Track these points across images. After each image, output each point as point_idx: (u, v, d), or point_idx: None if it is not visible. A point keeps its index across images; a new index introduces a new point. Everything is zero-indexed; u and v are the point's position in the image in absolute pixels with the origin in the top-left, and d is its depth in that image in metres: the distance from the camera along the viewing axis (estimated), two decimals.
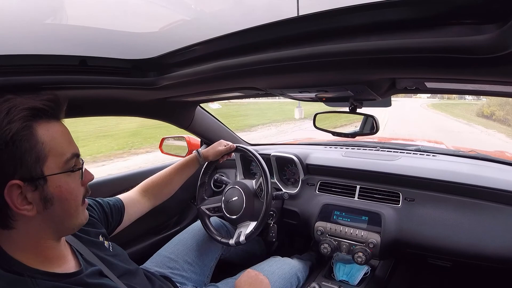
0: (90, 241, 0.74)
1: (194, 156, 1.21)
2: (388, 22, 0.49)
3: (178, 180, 1.17)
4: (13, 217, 0.54)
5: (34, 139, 0.53)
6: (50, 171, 0.55)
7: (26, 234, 0.56)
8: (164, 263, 1.14)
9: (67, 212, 0.59)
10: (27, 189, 0.53)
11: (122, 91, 0.98)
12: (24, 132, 0.52)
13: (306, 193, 1.47)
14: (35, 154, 0.53)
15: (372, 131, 1.08)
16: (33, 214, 0.54)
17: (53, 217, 0.58)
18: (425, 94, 24.66)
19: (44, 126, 0.55)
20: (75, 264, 0.65)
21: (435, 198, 1.20)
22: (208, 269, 1.22)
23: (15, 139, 0.51)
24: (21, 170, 0.52)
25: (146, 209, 1.06)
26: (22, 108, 0.53)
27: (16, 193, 0.52)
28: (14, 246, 0.56)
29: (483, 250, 1.07)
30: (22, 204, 0.53)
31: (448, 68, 0.57)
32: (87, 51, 0.79)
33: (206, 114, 1.61)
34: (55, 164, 0.56)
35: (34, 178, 0.53)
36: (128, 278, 0.76)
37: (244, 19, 0.62)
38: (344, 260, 1.36)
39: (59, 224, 0.59)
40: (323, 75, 0.76)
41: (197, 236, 1.28)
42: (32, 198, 0.54)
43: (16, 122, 0.51)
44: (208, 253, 1.25)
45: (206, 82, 0.90)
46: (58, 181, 0.57)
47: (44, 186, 0.55)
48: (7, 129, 0.50)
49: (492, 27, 0.41)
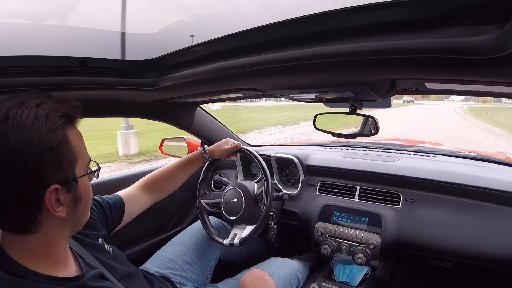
0: (91, 244, 0.74)
1: (199, 152, 1.20)
2: (388, 23, 0.49)
3: (182, 176, 1.16)
4: (42, 221, 0.55)
5: (69, 145, 0.56)
6: (80, 173, 0.59)
7: (45, 236, 0.57)
8: (163, 264, 1.14)
9: (86, 208, 0.64)
10: (62, 192, 0.55)
11: (122, 92, 0.98)
12: (64, 139, 0.55)
13: (306, 194, 1.47)
14: (70, 159, 0.56)
15: (372, 132, 1.08)
16: (65, 215, 0.57)
17: (76, 215, 0.61)
18: (458, 96, 21.31)
19: (72, 131, 0.58)
20: (76, 268, 0.65)
21: (435, 199, 1.20)
22: (208, 269, 1.22)
23: (58, 146, 0.53)
24: (59, 174, 0.55)
25: (147, 204, 1.05)
26: (60, 115, 0.55)
27: (53, 196, 0.54)
28: (22, 250, 0.56)
29: (483, 251, 1.07)
30: (57, 207, 0.55)
31: (449, 69, 0.57)
32: (87, 52, 0.79)
33: (206, 115, 1.61)
34: (82, 166, 0.60)
35: (69, 181, 0.56)
36: (128, 281, 0.76)
37: (244, 20, 0.62)
38: (344, 261, 1.36)
39: (77, 222, 0.64)
40: (323, 76, 0.76)
41: (196, 236, 1.28)
42: (65, 200, 0.56)
43: (58, 130, 0.54)
44: (207, 253, 1.25)
45: (206, 83, 0.90)
46: (85, 182, 0.61)
47: (76, 187, 0.58)
48: (50, 138, 0.52)
49: (492, 28, 0.41)
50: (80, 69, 0.80)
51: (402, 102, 40.44)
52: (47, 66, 0.75)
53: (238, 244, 1.19)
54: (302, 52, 0.60)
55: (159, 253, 1.21)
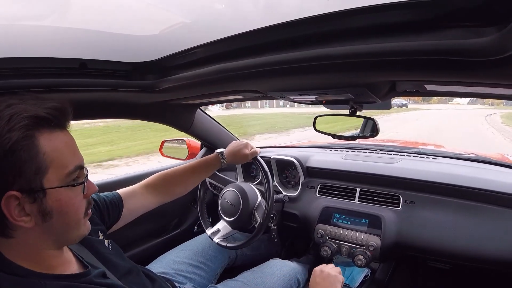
0: (91, 239, 0.73)
1: (216, 156, 1.14)
2: (388, 24, 0.49)
3: (194, 180, 1.12)
4: (12, 227, 0.52)
5: (35, 149, 0.51)
6: (50, 184, 0.53)
7: (25, 243, 0.55)
8: (168, 265, 1.13)
9: (67, 225, 0.57)
10: (25, 201, 0.51)
11: (122, 94, 0.98)
12: (25, 142, 0.50)
13: (306, 196, 1.46)
14: (35, 165, 0.51)
15: (373, 133, 1.08)
16: (31, 226, 0.52)
17: (53, 230, 0.56)
18: (463, 99, 21.66)
19: (46, 136, 0.53)
20: (78, 266, 0.64)
21: (435, 201, 1.20)
22: (214, 275, 1.21)
23: (14, 148, 0.48)
24: (20, 181, 0.50)
25: (151, 205, 1.01)
26: (24, 116, 0.50)
27: (13, 204, 0.50)
28: (15, 254, 0.54)
29: (483, 252, 1.07)
30: (20, 216, 0.51)
31: (449, 71, 0.57)
32: (87, 54, 0.79)
33: (206, 117, 1.61)
34: (56, 176, 0.53)
35: (33, 190, 0.51)
36: (129, 278, 0.76)
37: (244, 22, 0.62)
38: (344, 263, 1.36)
39: (59, 236, 0.58)
40: (323, 78, 0.76)
41: (204, 243, 1.28)
42: (30, 210, 0.52)
43: (16, 131, 0.49)
44: (214, 260, 1.24)
45: (206, 85, 0.90)
46: (58, 195, 0.54)
47: (43, 199, 0.53)
48: (7, 138, 0.48)
49: (492, 30, 0.41)
50: (80, 70, 0.80)
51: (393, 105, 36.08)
52: (47, 67, 0.75)
53: (216, 244, 1.24)
54: (302, 54, 0.60)
55: (165, 255, 1.20)
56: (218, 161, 1.13)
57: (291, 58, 0.61)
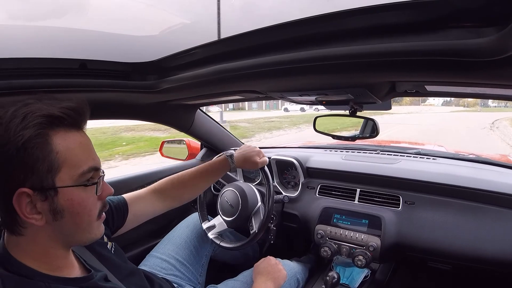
0: (93, 242, 0.73)
1: (224, 160, 1.10)
2: (388, 25, 0.49)
3: (204, 185, 1.10)
4: (22, 224, 0.53)
5: (48, 148, 0.51)
6: (62, 182, 0.53)
7: (34, 242, 0.55)
8: (156, 264, 1.13)
9: (78, 226, 0.57)
10: (37, 199, 0.51)
11: (122, 94, 0.98)
12: (38, 140, 0.50)
13: (306, 196, 1.46)
14: (48, 164, 0.51)
15: (373, 134, 1.08)
16: (41, 224, 0.53)
17: (63, 229, 0.56)
18: (437, 100, 21.67)
19: (61, 135, 0.53)
20: (81, 270, 0.64)
21: (436, 201, 1.20)
22: (200, 267, 1.21)
23: (27, 146, 0.49)
24: (32, 178, 0.50)
25: (158, 210, 1.00)
26: (39, 114, 0.50)
27: (25, 201, 0.51)
28: (23, 252, 0.54)
29: (483, 253, 1.07)
30: (31, 213, 0.51)
31: (448, 71, 0.57)
32: (87, 54, 0.79)
33: (206, 117, 1.61)
34: (69, 175, 0.53)
35: (45, 188, 0.52)
36: (130, 279, 0.76)
37: (244, 22, 0.62)
38: (344, 264, 1.36)
39: (69, 237, 0.58)
40: (323, 78, 0.76)
41: (185, 233, 1.27)
42: (42, 208, 0.52)
43: (29, 128, 0.49)
44: (198, 251, 1.24)
45: (206, 85, 0.90)
46: (70, 194, 0.54)
47: (54, 198, 0.53)
48: (20, 135, 0.48)
49: (492, 30, 0.41)
50: (80, 71, 0.80)
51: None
52: (47, 68, 0.75)
53: (210, 239, 1.26)
54: (302, 54, 0.60)
55: (151, 253, 1.19)
56: (227, 165, 1.10)
57: (291, 58, 0.61)
